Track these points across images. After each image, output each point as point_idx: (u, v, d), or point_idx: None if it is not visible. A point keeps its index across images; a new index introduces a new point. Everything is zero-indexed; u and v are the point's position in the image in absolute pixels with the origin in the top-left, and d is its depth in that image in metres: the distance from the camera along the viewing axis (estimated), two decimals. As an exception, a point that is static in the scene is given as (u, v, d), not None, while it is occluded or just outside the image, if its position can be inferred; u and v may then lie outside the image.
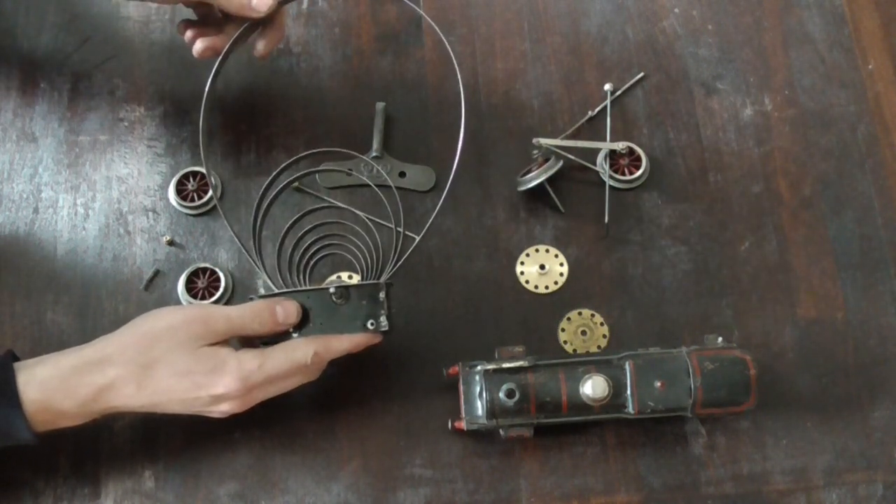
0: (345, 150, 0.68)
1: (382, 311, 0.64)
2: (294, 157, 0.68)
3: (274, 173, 0.67)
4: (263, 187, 0.67)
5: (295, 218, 0.69)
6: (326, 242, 0.69)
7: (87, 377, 0.59)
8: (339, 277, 0.74)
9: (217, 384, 0.60)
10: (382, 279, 0.65)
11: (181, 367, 0.60)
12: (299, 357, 0.62)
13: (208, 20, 0.74)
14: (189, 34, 0.73)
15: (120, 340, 0.61)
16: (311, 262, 0.69)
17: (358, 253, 0.68)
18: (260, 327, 0.62)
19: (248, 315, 0.62)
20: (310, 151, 0.68)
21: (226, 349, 0.61)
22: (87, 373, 0.59)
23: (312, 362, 0.62)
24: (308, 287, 0.65)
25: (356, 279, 0.73)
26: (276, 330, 0.63)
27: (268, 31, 0.72)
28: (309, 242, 0.68)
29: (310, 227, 0.68)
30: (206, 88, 0.68)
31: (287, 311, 0.62)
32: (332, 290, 0.63)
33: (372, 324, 0.64)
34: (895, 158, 0.80)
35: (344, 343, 0.64)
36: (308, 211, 0.69)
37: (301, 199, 0.77)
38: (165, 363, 0.59)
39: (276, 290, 0.65)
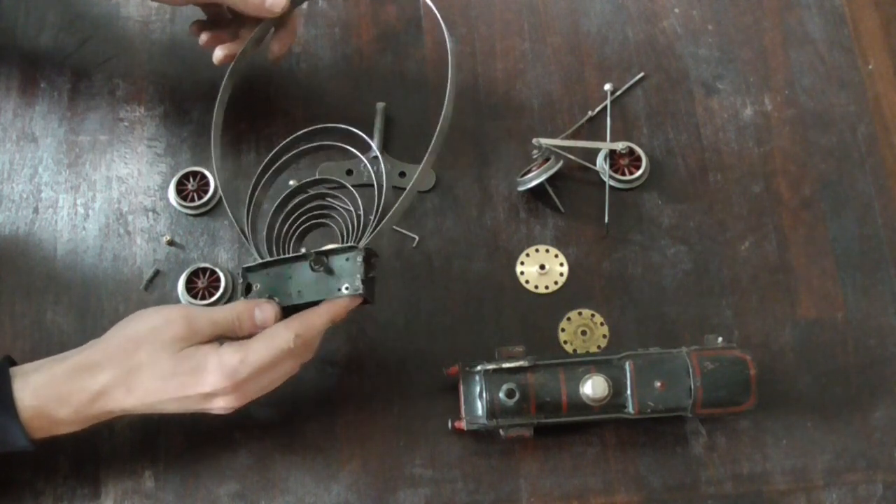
0: (344, 126, 0.67)
1: (358, 275, 0.62)
2: (293, 135, 0.67)
3: (273, 151, 0.67)
4: (261, 166, 0.67)
5: (287, 192, 0.68)
6: (314, 213, 0.68)
7: (80, 383, 0.59)
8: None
9: (202, 383, 0.59)
10: (361, 244, 0.63)
11: (165, 369, 0.59)
12: (281, 343, 0.61)
13: (219, 21, 0.74)
14: (204, 37, 0.73)
15: (106, 345, 0.61)
16: (295, 234, 0.68)
17: (340, 221, 0.67)
18: (240, 330, 0.62)
19: (231, 317, 0.62)
20: (310, 128, 0.68)
21: (207, 347, 0.61)
22: (79, 379, 0.59)
23: (297, 345, 0.61)
24: (285, 255, 0.65)
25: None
26: (254, 332, 0.62)
27: (280, 33, 0.72)
28: (296, 215, 0.68)
29: (301, 198, 0.68)
30: (221, 89, 0.69)
31: (265, 313, 0.62)
32: (305, 253, 0.62)
33: (347, 288, 0.62)
34: (895, 158, 0.80)
35: (323, 315, 0.62)
36: (303, 184, 0.68)
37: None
38: (149, 366, 0.59)
39: (261, 261, 0.65)
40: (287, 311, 0.64)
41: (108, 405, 0.60)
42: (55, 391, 0.59)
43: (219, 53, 0.72)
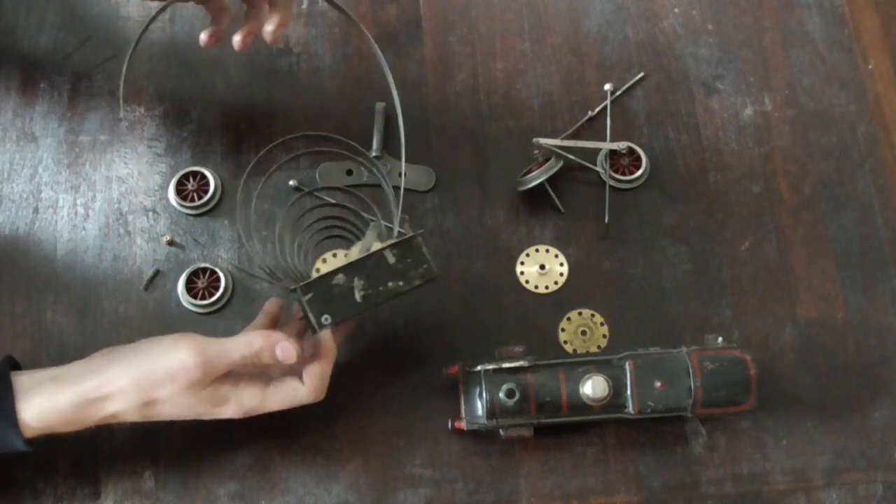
0: (332, 136, 0.67)
1: (430, 259, 0.64)
2: (280, 139, 0.68)
3: (258, 154, 0.68)
4: (246, 173, 0.68)
5: (292, 202, 0.69)
6: (325, 225, 0.69)
7: (87, 411, 0.59)
8: (324, 261, 0.73)
9: (219, 415, 0.62)
10: (416, 232, 0.64)
11: (183, 405, 0.60)
12: (300, 399, 0.63)
13: (220, 15, 0.72)
14: (203, 37, 0.71)
15: (119, 380, 0.59)
16: (310, 247, 0.69)
17: (354, 229, 0.68)
18: (259, 365, 0.62)
19: (248, 354, 0.61)
20: (300, 134, 0.68)
21: (226, 387, 0.61)
22: (87, 408, 0.59)
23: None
24: (344, 265, 0.64)
25: (340, 256, 0.72)
26: (273, 364, 0.62)
27: (274, 14, 0.69)
28: (307, 225, 0.69)
29: (309, 209, 0.68)
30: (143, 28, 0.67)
31: (286, 354, 0.61)
32: (387, 250, 0.63)
33: (423, 275, 0.63)
34: (895, 158, 0.80)
35: (332, 360, 0.64)
36: (309, 209, 0.69)
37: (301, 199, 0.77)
38: (167, 403, 0.60)
39: (310, 279, 0.63)
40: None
41: (114, 422, 0.61)
42: (60, 416, 0.59)
43: (203, 36, 0.69)
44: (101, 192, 0.77)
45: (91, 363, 0.61)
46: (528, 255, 0.76)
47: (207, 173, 0.77)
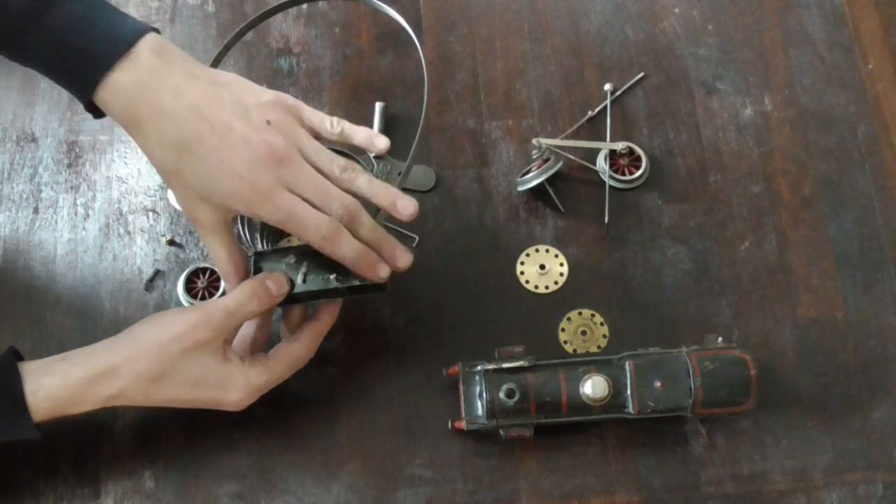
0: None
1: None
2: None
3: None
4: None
5: None
6: None
7: (95, 388, 0.60)
8: (288, 241, 0.73)
9: (225, 398, 0.62)
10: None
11: (190, 379, 0.61)
12: (301, 362, 0.65)
13: None
14: None
15: (127, 351, 0.61)
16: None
17: None
18: (258, 307, 0.62)
19: (245, 300, 0.62)
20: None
21: (233, 365, 0.62)
22: (95, 384, 0.59)
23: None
24: (300, 245, 0.65)
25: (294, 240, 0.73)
26: (272, 304, 0.63)
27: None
28: None
29: None
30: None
31: (277, 283, 0.63)
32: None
33: (362, 278, 0.63)
34: (895, 158, 0.80)
35: (327, 321, 0.66)
36: None
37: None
38: (174, 375, 0.60)
39: (265, 250, 0.65)
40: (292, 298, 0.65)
41: (119, 402, 0.61)
42: (69, 395, 0.59)
43: None
44: (101, 192, 0.77)
45: (101, 342, 0.62)
46: (528, 255, 0.76)
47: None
